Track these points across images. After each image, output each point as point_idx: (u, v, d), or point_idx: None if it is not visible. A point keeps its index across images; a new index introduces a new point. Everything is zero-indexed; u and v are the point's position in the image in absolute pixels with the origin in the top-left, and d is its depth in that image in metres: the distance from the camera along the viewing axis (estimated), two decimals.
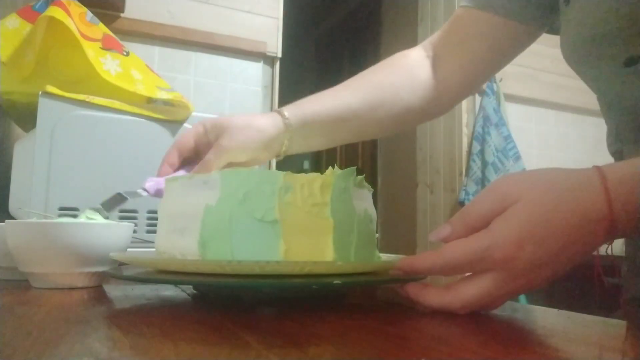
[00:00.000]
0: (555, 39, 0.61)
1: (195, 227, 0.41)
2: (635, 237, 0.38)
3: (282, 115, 0.60)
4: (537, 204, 0.35)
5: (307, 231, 0.40)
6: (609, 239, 0.36)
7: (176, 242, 0.43)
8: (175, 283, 0.49)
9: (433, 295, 0.38)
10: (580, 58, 0.53)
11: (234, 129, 0.57)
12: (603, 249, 0.41)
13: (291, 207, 0.40)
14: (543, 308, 0.45)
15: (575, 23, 0.52)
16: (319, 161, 4.01)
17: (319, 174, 0.42)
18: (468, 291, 0.36)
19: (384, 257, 0.51)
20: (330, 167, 0.44)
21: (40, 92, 0.82)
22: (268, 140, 0.59)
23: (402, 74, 0.68)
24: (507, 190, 0.37)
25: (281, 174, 0.41)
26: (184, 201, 0.43)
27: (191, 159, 0.60)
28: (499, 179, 0.39)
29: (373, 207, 0.47)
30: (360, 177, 0.45)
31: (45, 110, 0.82)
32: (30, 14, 0.92)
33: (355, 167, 0.45)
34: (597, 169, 0.36)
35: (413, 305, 0.40)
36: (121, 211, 0.85)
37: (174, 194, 0.45)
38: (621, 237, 0.37)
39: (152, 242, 0.82)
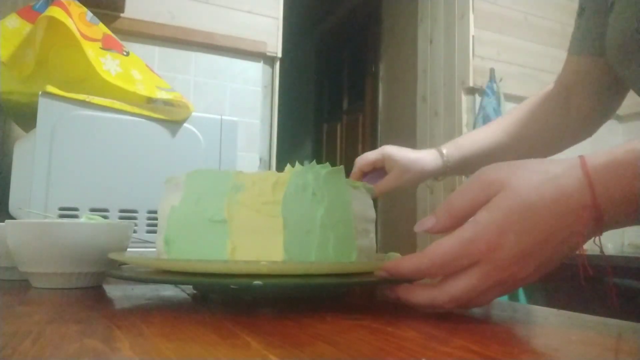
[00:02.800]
0: (556, 38, 0.62)
1: (164, 226, 0.43)
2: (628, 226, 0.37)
3: (442, 154, 0.74)
4: (520, 193, 0.35)
5: (256, 230, 0.39)
6: (597, 229, 0.35)
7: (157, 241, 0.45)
8: (175, 283, 0.49)
9: (420, 293, 0.37)
10: (624, 57, 0.56)
11: (403, 166, 0.73)
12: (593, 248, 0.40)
13: (240, 206, 0.40)
14: (543, 308, 0.45)
15: (620, 22, 0.54)
16: (319, 161, 4.00)
17: (274, 172, 0.42)
18: (455, 285, 0.36)
19: (379, 257, 0.50)
20: (288, 164, 0.42)
21: (40, 92, 0.82)
22: (427, 175, 0.75)
23: (541, 109, 0.75)
24: (490, 180, 0.36)
25: (233, 173, 0.41)
26: (162, 202, 0.45)
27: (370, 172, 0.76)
28: (482, 168, 0.39)
29: (364, 206, 0.45)
30: (326, 170, 0.42)
31: (45, 110, 0.82)
32: (30, 14, 0.92)
33: (327, 163, 0.43)
34: (580, 157, 0.36)
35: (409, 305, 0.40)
36: (121, 211, 0.85)
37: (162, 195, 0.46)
38: (610, 228, 0.36)
39: (152, 242, 0.82)
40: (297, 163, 0.43)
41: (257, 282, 0.35)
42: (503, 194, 0.35)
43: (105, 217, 0.60)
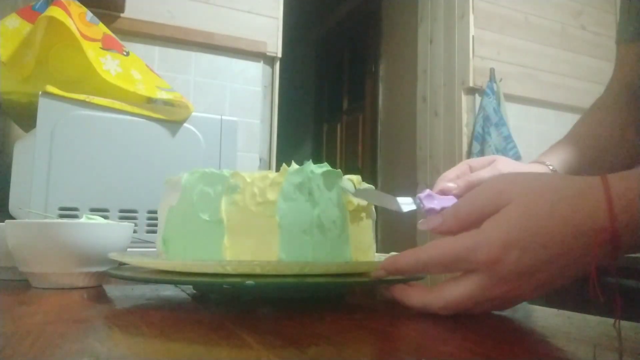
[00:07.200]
0: (555, 38, 0.61)
1: (162, 226, 0.43)
2: None
3: (545, 165, 0.61)
4: (530, 208, 0.34)
5: (252, 230, 0.39)
6: (613, 253, 0.33)
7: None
8: (175, 283, 0.49)
9: (416, 295, 0.37)
10: None
11: (504, 162, 0.58)
12: None
13: (236, 206, 0.40)
14: (543, 308, 0.45)
15: None
16: (319, 162, 4.01)
17: (270, 171, 0.41)
18: (451, 292, 0.35)
19: (380, 257, 0.50)
20: (284, 164, 0.42)
21: (40, 92, 0.82)
22: None
23: (608, 124, 0.66)
24: (502, 190, 0.35)
25: (229, 173, 0.41)
26: (161, 202, 0.45)
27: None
28: (496, 176, 0.38)
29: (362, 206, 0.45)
30: (323, 170, 0.42)
31: (45, 110, 0.82)
32: (30, 14, 0.92)
33: (325, 163, 0.43)
34: (602, 177, 0.34)
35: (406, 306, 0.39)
36: (121, 211, 0.85)
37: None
38: (628, 252, 0.34)
39: (152, 242, 0.82)
40: (292, 163, 0.43)
41: (249, 281, 0.35)
42: (512, 207, 0.34)
43: (105, 217, 0.59)
